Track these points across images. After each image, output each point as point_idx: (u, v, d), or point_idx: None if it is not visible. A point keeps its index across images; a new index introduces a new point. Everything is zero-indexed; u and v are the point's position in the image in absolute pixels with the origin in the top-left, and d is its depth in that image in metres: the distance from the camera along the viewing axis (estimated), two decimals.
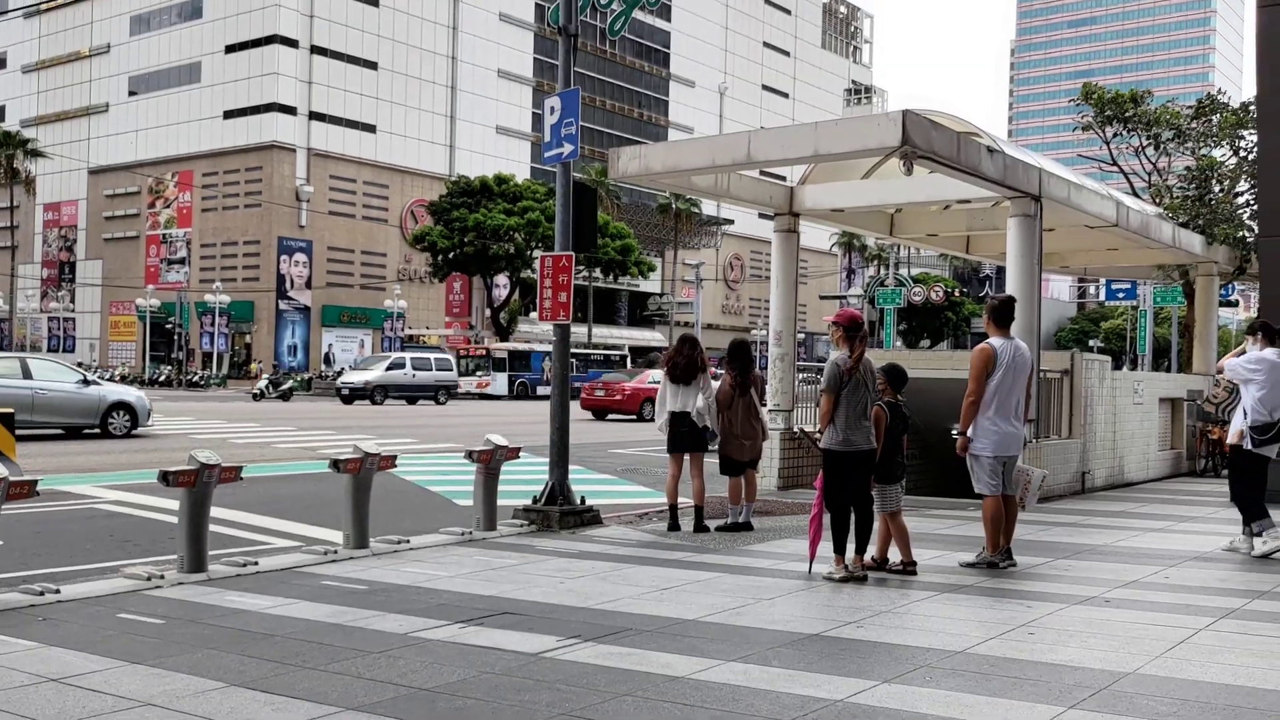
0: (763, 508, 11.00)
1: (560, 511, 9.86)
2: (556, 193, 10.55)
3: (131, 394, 21.63)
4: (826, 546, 7.44)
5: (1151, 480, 15.65)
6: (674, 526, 9.73)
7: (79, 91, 75.12)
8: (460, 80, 72.77)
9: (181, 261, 69.00)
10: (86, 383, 20.63)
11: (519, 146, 76.13)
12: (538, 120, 77.39)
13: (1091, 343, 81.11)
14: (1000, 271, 15.66)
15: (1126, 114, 20.84)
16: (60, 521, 10.25)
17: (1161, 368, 56.24)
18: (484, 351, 51.90)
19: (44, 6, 75.12)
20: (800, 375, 14.53)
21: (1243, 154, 19.67)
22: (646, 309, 78.47)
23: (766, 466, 12.63)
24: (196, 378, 55.79)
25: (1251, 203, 18.77)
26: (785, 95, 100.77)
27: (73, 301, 76.09)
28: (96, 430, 20.53)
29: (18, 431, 12.26)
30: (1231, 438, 9.09)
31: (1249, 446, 8.80)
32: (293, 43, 64.25)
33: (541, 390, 49.72)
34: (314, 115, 65.42)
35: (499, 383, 49.41)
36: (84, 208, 75.63)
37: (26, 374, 19.69)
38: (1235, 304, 41.83)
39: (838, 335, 7.52)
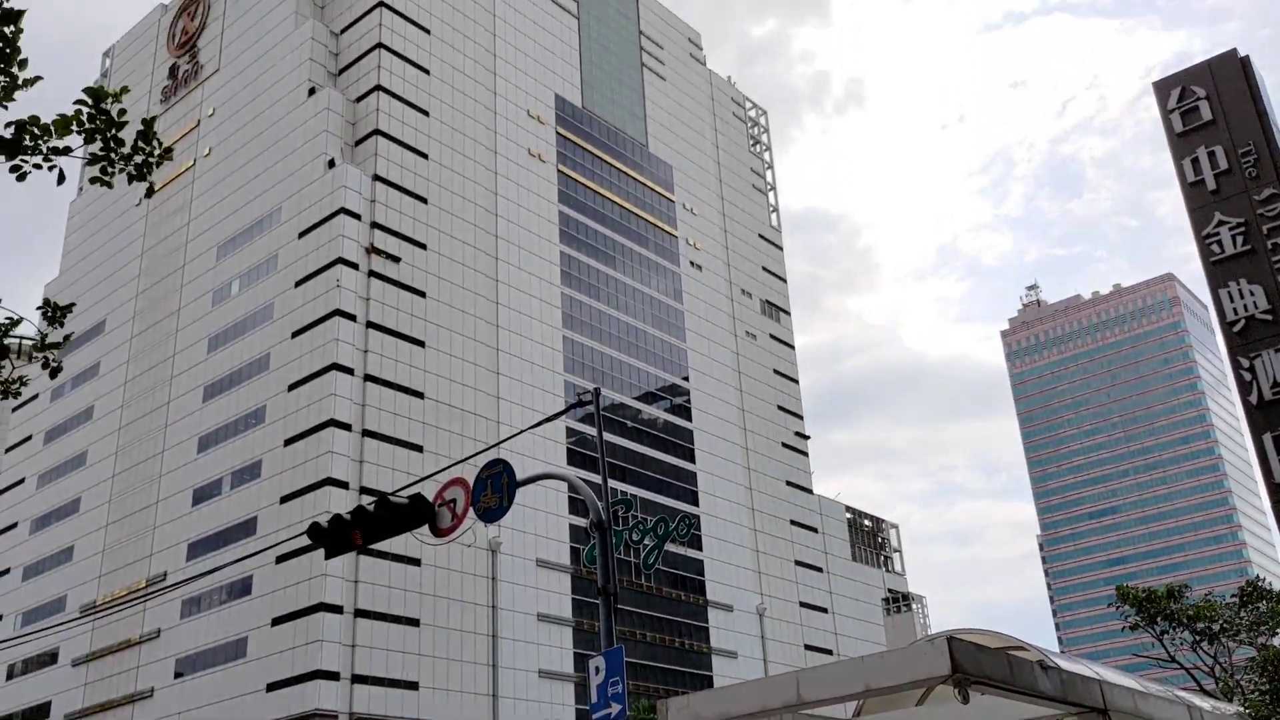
0: None
1: None
2: None
3: None
4: None
5: None
6: None
7: (126, 679, 75.66)
8: (500, 628, 73.41)
9: None
10: None
11: (562, 689, 74.90)
12: (580, 660, 76.93)
13: None
14: None
15: (1167, 610, 20.77)
16: None
17: None
18: None
19: (100, 604, 78.02)
20: None
21: None
22: None
23: None
24: None
25: None
26: (824, 610, 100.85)
27: None
28: None
29: None
30: None
31: None
32: (337, 609, 65.73)
33: None
34: (356, 678, 65.23)
35: None
36: None
37: None
38: None
39: None
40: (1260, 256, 13.78)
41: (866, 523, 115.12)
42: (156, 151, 7.98)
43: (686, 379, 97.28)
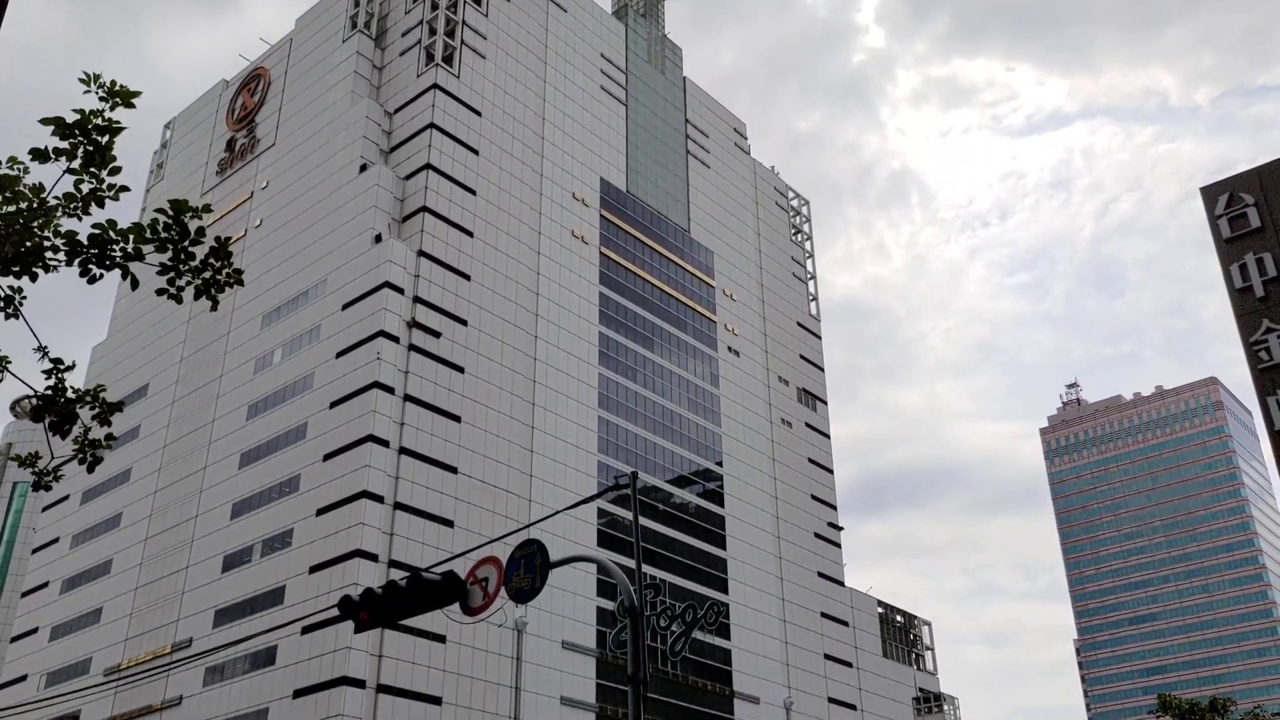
0: None
1: None
2: None
3: None
4: None
5: None
6: None
7: None
8: (524, 710, 72.32)
9: None
10: None
11: None
12: None
13: None
14: None
15: None
16: None
17: None
18: None
19: (124, 668, 77.82)
20: None
21: None
22: None
23: None
24: None
25: None
26: (853, 707, 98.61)
27: None
28: None
29: None
30: None
31: None
32: (359, 683, 65.14)
33: None
34: None
35: None
36: None
37: None
38: None
39: None
40: None
41: (898, 619, 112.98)
42: (225, 270, 8.02)
43: (720, 464, 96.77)
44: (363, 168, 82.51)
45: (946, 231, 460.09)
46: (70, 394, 7.91)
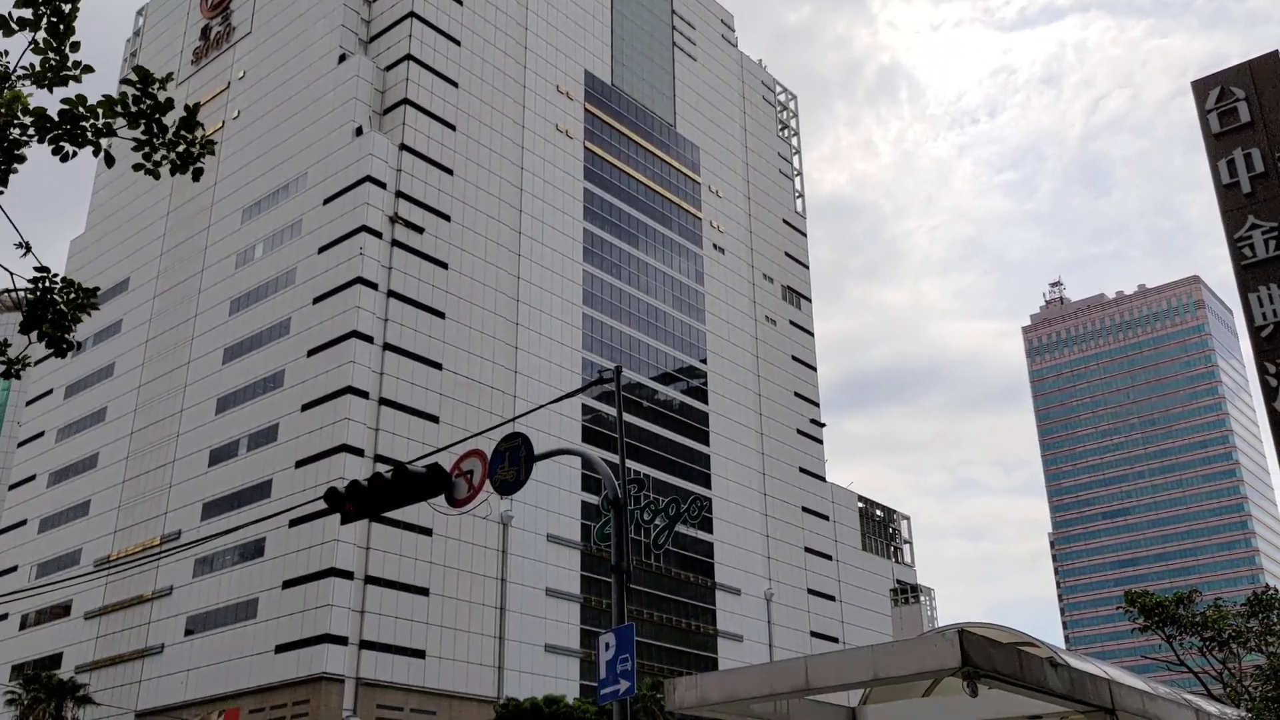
0: None
1: None
2: None
3: None
4: None
5: None
6: None
7: (137, 635, 76.48)
8: (509, 601, 73.85)
9: None
10: None
11: (568, 664, 75.34)
12: (586, 636, 77.38)
13: None
14: None
15: (1175, 616, 20.74)
16: None
17: None
18: None
19: (114, 559, 78.80)
20: None
21: None
22: None
23: None
24: None
25: None
26: (831, 598, 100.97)
27: None
28: None
29: None
30: None
31: None
32: (347, 574, 66.22)
33: None
34: (364, 644, 65.78)
35: None
36: None
37: None
38: None
39: None
40: None
41: (878, 513, 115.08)
42: (199, 141, 7.85)
43: (704, 361, 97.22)
44: (341, 58, 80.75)
45: (935, 128, 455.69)
46: (60, 305, 7.80)
